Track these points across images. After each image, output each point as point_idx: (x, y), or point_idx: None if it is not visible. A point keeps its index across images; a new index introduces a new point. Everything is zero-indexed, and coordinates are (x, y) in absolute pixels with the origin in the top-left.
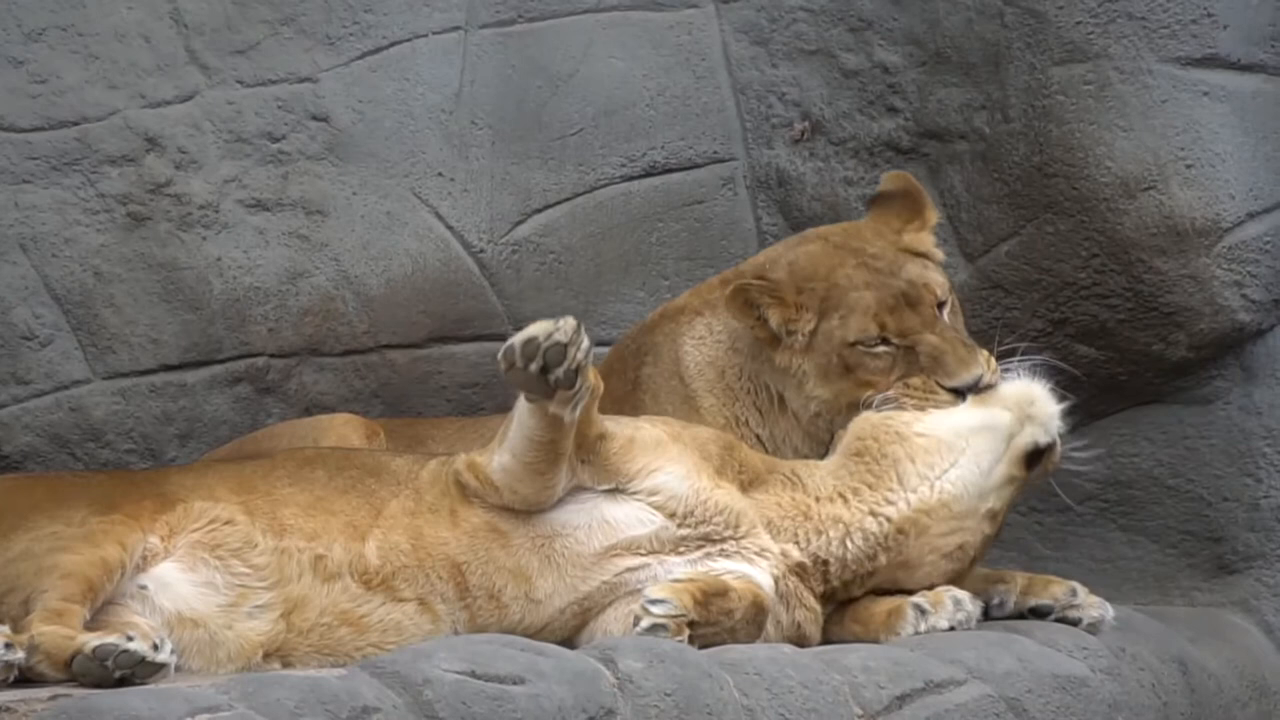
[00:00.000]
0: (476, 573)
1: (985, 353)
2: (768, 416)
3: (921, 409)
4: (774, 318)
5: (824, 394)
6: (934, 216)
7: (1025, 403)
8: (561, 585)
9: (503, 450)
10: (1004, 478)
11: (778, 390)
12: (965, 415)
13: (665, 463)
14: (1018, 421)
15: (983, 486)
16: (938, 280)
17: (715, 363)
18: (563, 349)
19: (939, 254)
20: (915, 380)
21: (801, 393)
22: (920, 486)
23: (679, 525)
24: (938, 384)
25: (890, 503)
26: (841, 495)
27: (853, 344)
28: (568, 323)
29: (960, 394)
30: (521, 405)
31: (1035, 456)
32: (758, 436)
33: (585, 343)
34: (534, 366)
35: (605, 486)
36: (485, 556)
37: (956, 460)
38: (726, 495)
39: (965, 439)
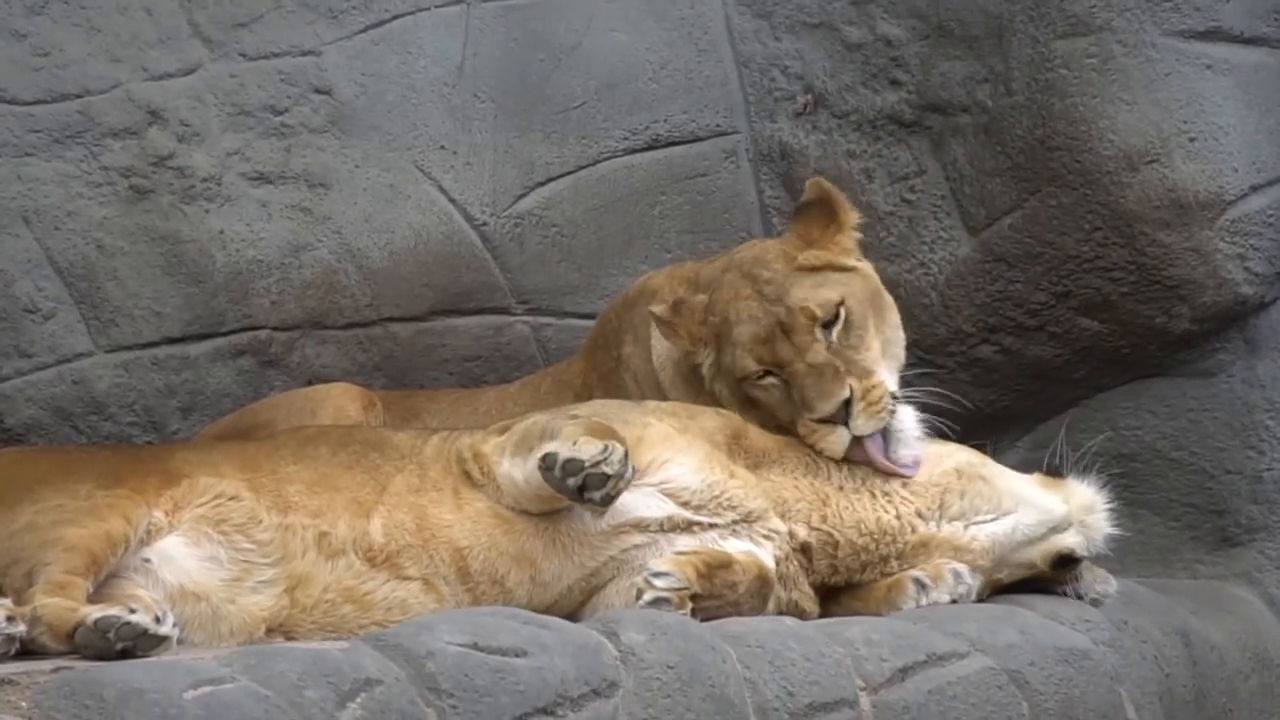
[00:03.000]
0: (479, 558)
1: (871, 379)
2: None
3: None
4: (677, 347)
5: (746, 417)
6: (851, 217)
7: (1086, 509)
8: (569, 565)
9: (514, 463)
10: (1027, 561)
11: None
12: (1028, 486)
13: (674, 454)
14: (1069, 521)
15: (1006, 556)
16: (823, 299)
17: (671, 355)
18: (604, 478)
19: (848, 261)
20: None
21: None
22: (957, 520)
23: (694, 513)
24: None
25: (922, 518)
26: (870, 492)
27: (741, 379)
28: (616, 452)
29: (831, 423)
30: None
31: (1064, 562)
32: None
33: (629, 473)
34: (572, 482)
35: None
36: (488, 542)
37: (999, 518)
38: (740, 486)
39: (1017, 505)
